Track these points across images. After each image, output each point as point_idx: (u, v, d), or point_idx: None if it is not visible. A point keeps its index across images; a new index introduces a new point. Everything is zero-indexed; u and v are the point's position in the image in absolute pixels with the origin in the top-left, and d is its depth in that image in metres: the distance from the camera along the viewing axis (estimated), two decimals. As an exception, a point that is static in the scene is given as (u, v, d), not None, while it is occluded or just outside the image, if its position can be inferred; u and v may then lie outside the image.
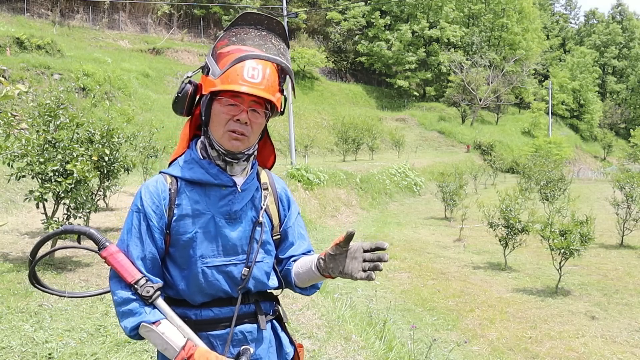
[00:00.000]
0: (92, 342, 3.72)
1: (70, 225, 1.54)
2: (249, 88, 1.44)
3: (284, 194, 1.70)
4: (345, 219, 14.27)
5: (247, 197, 1.56)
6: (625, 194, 11.45)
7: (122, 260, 1.43)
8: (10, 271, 5.31)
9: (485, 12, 52.28)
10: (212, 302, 1.51)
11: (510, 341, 5.79)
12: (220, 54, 1.51)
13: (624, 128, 62.25)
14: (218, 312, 1.51)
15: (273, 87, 1.51)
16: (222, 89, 1.46)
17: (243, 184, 1.56)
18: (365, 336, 4.54)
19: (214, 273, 1.49)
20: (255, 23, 1.57)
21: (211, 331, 1.50)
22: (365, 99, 44.28)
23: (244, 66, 1.45)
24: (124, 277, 1.42)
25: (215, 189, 1.53)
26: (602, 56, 69.39)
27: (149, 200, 1.49)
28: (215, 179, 1.52)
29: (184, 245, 1.49)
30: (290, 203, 1.70)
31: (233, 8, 37.23)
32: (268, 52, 1.52)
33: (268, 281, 1.58)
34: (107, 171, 7.31)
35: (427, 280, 8.25)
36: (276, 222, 1.65)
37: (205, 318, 1.50)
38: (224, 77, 1.46)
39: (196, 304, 1.51)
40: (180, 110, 1.56)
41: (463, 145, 36.22)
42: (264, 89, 1.47)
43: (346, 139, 25.82)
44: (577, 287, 7.94)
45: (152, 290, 1.42)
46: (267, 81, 1.48)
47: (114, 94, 19.28)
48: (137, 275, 1.42)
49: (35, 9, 30.67)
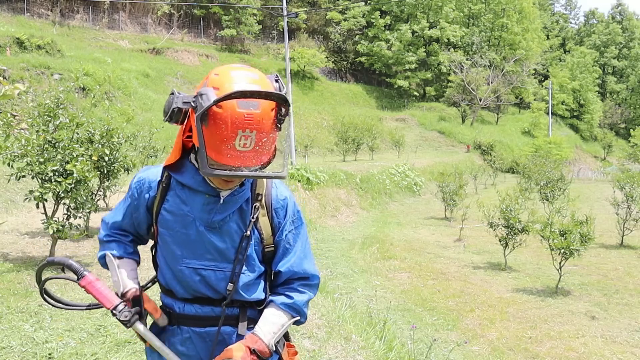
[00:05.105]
0: (92, 342, 3.72)
1: (51, 257, 1.66)
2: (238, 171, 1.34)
3: (282, 205, 1.62)
4: (345, 219, 14.27)
5: (230, 208, 1.53)
6: (625, 194, 11.45)
7: (100, 288, 1.53)
8: (10, 271, 5.31)
9: (485, 12, 52.28)
10: (194, 299, 1.56)
11: (510, 341, 5.79)
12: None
13: (624, 128, 62.22)
14: (199, 309, 1.56)
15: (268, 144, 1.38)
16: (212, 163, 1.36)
17: (227, 196, 1.53)
18: (365, 336, 4.54)
19: (192, 274, 1.54)
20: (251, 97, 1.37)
21: (193, 327, 1.57)
22: (365, 99, 44.27)
23: (235, 134, 1.32)
24: (103, 304, 1.51)
25: (201, 195, 1.53)
26: (602, 56, 69.36)
27: (136, 182, 1.64)
28: (199, 186, 1.53)
29: (166, 241, 1.57)
30: (286, 214, 1.62)
31: (233, 8, 37.24)
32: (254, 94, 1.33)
33: (247, 293, 1.57)
34: (107, 171, 7.31)
35: (427, 280, 8.24)
36: (267, 235, 1.59)
37: (188, 313, 1.57)
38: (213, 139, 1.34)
39: (179, 296, 1.57)
40: (174, 123, 1.47)
41: (463, 145, 36.22)
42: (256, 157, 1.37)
43: (346, 139, 25.81)
44: (577, 287, 7.94)
45: (130, 315, 1.50)
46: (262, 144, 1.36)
47: (114, 94, 19.28)
48: (115, 301, 1.51)
49: (35, 9, 30.66)
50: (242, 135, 1.32)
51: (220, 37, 38.30)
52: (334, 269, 8.50)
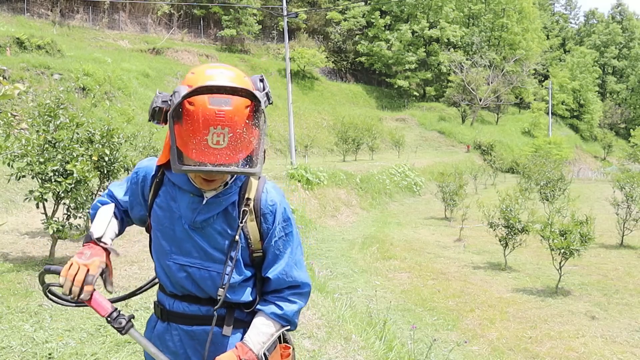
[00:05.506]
0: (92, 342, 3.72)
1: (48, 266, 1.64)
2: (213, 167, 1.32)
3: (270, 210, 1.58)
4: (345, 219, 14.27)
5: (213, 210, 1.51)
6: (625, 194, 11.45)
7: (95, 296, 1.51)
8: (10, 271, 5.31)
9: (485, 12, 52.29)
10: (183, 297, 1.58)
11: (510, 341, 5.79)
12: None
13: (624, 128, 62.23)
14: (187, 307, 1.58)
15: (244, 140, 1.35)
16: (184, 161, 1.35)
17: (211, 197, 1.52)
18: (365, 336, 4.54)
19: (179, 270, 1.55)
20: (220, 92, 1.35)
21: (181, 325, 1.58)
22: (365, 99, 44.27)
23: (207, 132, 1.30)
24: (98, 312, 1.52)
25: (187, 194, 1.54)
26: (602, 56, 69.38)
27: (135, 170, 1.69)
28: (184, 185, 1.54)
29: (157, 236, 1.60)
30: (275, 220, 1.58)
31: (233, 8, 37.24)
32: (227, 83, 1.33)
33: (233, 296, 1.56)
34: (107, 171, 7.30)
35: (427, 280, 8.25)
36: (255, 240, 1.57)
37: (177, 310, 1.59)
38: (186, 133, 1.33)
39: (169, 292, 1.60)
40: (157, 123, 1.46)
41: (463, 145, 36.23)
42: (231, 155, 1.34)
43: (346, 139, 25.81)
44: (577, 287, 7.94)
45: (124, 322, 1.51)
46: (236, 140, 1.33)
47: (114, 94, 19.27)
48: (109, 309, 1.51)
49: (35, 9, 30.66)
50: (214, 132, 1.31)
51: (220, 37, 38.29)
52: (334, 269, 8.50)
